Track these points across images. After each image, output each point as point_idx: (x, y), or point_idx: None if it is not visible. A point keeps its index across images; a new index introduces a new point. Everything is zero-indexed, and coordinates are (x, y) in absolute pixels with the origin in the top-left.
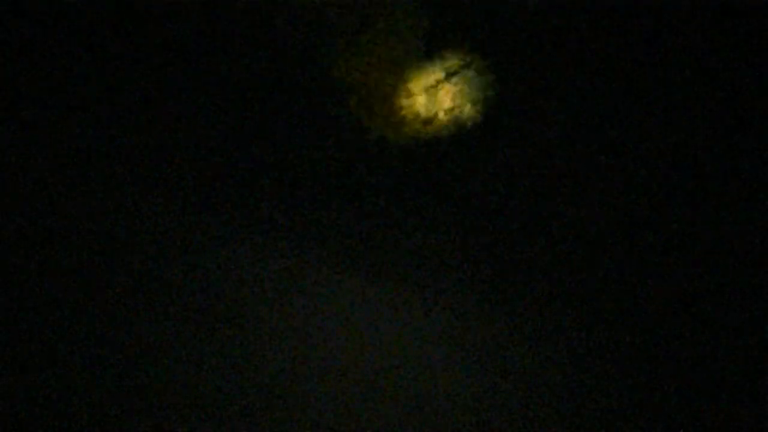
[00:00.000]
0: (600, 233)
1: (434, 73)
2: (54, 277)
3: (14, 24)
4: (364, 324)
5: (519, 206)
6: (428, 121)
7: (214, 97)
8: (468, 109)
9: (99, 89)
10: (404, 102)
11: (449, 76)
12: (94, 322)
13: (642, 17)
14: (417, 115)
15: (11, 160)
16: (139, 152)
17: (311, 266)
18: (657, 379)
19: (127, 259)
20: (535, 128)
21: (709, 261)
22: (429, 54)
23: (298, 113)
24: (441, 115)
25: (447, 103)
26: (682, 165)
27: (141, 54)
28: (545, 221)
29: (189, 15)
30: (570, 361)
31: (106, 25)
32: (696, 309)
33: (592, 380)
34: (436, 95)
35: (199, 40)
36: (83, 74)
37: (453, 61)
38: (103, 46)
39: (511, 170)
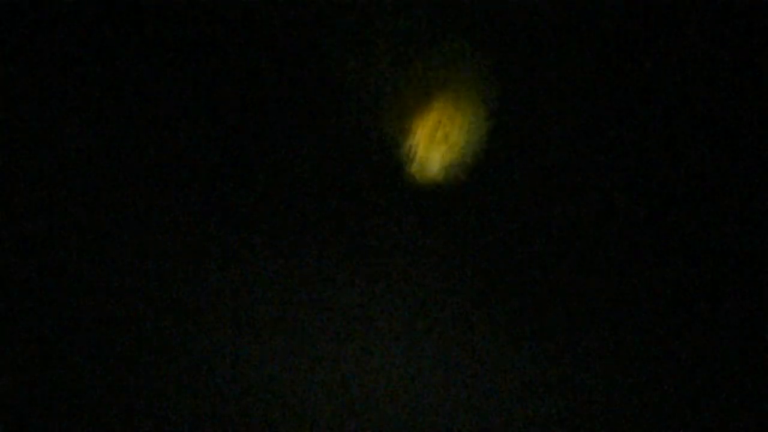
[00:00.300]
0: (601, 234)
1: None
2: (53, 276)
3: (14, 24)
4: (363, 324)
5: (520, 207)
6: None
7: (213, 97)
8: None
9: (96, 89)
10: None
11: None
12: (91, 321)
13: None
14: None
15: (11, 160)
16: (136, 152)
17: (311, 266)
18: (657, 379)
19: (126, 259)
20: (542, 131)
21: (709, 261)
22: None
23: (298, 113)
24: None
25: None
26: (684, 167)
27: (139, 53)
28: (546, 222)
29: (188, 14)
30: (570, 361)
31: (104, 25)
32: (696, 309)
33: (592, 380)
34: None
35: (198, 40)
36: (81, 73)
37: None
38: (100, 46)
39: (514, 171)
